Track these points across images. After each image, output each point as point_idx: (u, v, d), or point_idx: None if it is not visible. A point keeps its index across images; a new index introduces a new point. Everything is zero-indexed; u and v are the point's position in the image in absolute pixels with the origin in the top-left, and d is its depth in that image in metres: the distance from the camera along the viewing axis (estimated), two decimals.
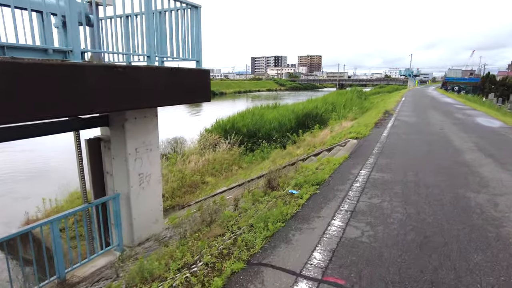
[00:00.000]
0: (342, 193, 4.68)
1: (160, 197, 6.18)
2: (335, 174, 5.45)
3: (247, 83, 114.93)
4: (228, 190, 9.13)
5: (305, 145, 9.52)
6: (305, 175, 4.81)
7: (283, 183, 4.66)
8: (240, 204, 4.49)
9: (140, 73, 4.26)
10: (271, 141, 16.09)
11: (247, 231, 3.31)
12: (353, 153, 6.83)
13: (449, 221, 3.82)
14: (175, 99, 4.98)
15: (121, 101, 3.98)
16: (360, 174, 5.64)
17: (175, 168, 13.66)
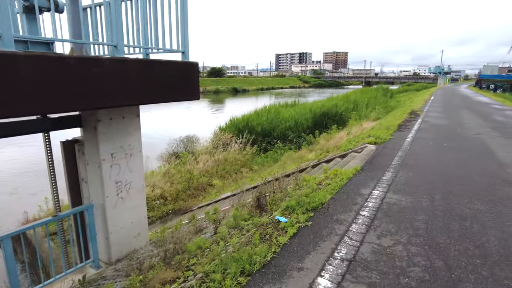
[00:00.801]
0: (342, 227, 3.49)
1: (143, 207, 5.47)
2: (339, 195, 4.27)
3: (270, 80, 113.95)
4: (231, 197, 8.34)
5: (318, 149, 8.57)
6: (301, 194, 3.81)
7: (273, 203, 3.76)
8: (222, 225, 3.67)
9: (102, 66, 3.51)
10: (286, 141, 15.18)
11: (198, 285, 2.46)
12: (367, 164, 5.60)
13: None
14: (151, 97, 4.21)
15: (69, 100, 3.25)
16: (371, 196, 4.42)
17: (183, 168, 13.05)
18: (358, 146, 6.74)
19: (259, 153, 15.40)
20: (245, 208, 3.74)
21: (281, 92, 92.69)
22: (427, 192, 4.70)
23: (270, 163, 12.08)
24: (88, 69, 3.38)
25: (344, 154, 6.62)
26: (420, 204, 4.25)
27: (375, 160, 5.91)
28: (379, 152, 6.53)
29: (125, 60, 3.78)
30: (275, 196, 3.99)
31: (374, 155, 6.29)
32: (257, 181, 8.56)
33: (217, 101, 65.65)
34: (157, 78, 4.21)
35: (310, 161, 7.68)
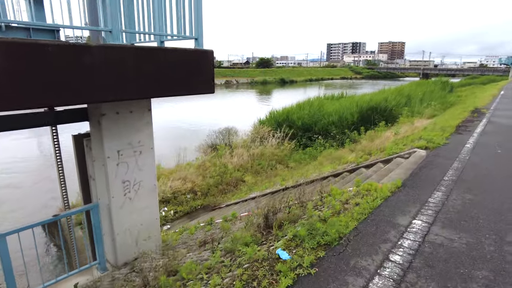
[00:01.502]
0: (360, 280, 2.44)
1: (155, 209, 5.07)
2: (366, 225, 3.17)
3: (319, 70, 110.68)
4: (259, 198, 7.74)
5: (360, 150, 7.60)
6: (317, 218, 2.93)
7: (283, 224, 3.02)
8: (221, 245, 3.07)
9: (89, 54, 3.04)
10: (328, 137, 14.16)
11: None
12: (412, 177, 4.35)
13: None
14: (154, 91, 3.69)
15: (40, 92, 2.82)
16: (410, 228, 3.22)
17: (219, 161, 12.72)
18: (405, 151, 5.70)
19: (298, 148, 14.59)
20: (252, 227, 3.09)
21: (330, 83, 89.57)
22: (493, 228, 3.27)
23: (307, 161, 11.25)
24: (71, 57, 2.93)
25: (387, 159, 5.64)
26: (481, 248, 2.90)
27: (423, 172, 4.63)
28: (429, 161, 5.17)
29: (119, 47, 3.28)
30: (290, 213, 3.27)
31: (422, 164, 5.02)
32: (288, 182, 7.86)
33: (263, 92, 65.19)
34: (161, 68, 3.68)
35: (349, 164, 6.78)
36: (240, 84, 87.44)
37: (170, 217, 8.76)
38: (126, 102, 4.31)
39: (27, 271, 4.51)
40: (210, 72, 4.22)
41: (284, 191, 7.20)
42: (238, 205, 8.13)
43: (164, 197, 9.51)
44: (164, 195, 9.55)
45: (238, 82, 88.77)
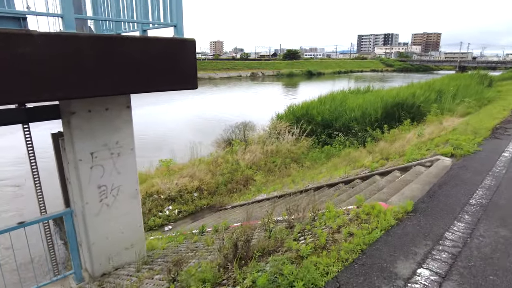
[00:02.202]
0: None
1: (137, 215, 4.62)
2: (350, 273, 2.28)
3: (348, 62, 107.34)
4: (265, 201, 7.16)
5: (378, 152, 6.79)
6: (291, 256, 2.32)
7: (254, 255, 2.38)
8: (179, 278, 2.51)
9: (31, 45, 2.56)
10: (349, 134, 13.26)
11: None
12: (429, 196, 3.34)
13: None
14: (117, 86, 3.17)
15: None
16: (412, 283, 2.26)
17: (232, 157, 12.23)
18: (427, 157, 4.87)
19: (317, 145, 13.80)
20: (220, 255, 2.51)
21: (360, 76, 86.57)
22: None
23: (322, 161, 10.49)
24: (16, 49, 2.47)
25: (405, 167, 4.86)
26: None
27: (444, 191, 3.54)
28: (453, 175, 4.03)
29: (71, 36, 2.77)
30: (270, 238, 2.66)
31: (444, 178, 3.92)
32: (297, 185, 7.22)
33: (288, 84, 64.01)
34: (128, 60, 3.15)
35: (363, 169, 6.02)
36: (266, 76, 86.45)
37: (173, 216, 8.38)
38: (100, 98, 3.84)
39: (5, 282, 4.23)
40: (190, 65, 3.64)
41: (290, 196, 6.57)
42: (243, 208, 7.59)
43: (170, 195, 9.15)
44: (169, 192, 9.20)
45: (264, 75, 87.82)
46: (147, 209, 8.53)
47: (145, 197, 9.09)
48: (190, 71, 3.66)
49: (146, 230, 7.87)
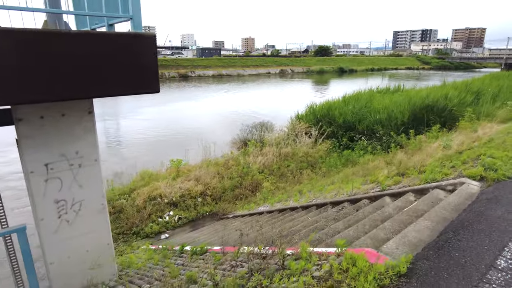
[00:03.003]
0: None
1: (105, 232, 4.12)
2: None
3: (382, 60, 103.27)
4: (265, 214, 6.49)
5: (395, 164, 5.86)
6: None
7: None
8: None
9: None
10: (373, 138, 12.22)
11: None
12: (438, 248, 2.32)
13: None
14: (56, 91, 2.63)
15: None
16: None
17: (244, 159, 11.64)
18: (450, 178, 3.95)
19: (337, 149, 12.87)
20: None
21: (394, 74, 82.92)
22: None
23: (338, 168, 9.61)
24: None
25: (422, 189, 3.98)
26: None
27: (461, 239, 2.41)
28: (480, 210, 2.88)
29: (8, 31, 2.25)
30: None
31: (466, 215, 2.82)
32: (303, 197, 6.48)
33: (318, 81, 62.44)
34: (70, 60, 2.60)
35: (375, 185, 5.17)
36: (295, 73, 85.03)
37: (172, 223, 7.91)
38: (54, 103, 3.35)
39: None
40: (149, 65, 3.04)
41: (290, 211, 5.85)
42: (243, 219, 6.97)
43: (173, 200, 8.70)
44: (172, 196, 8.75)
45: (293, 71, 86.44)
46: (147, 214, 8.14)
47: (147, 201, 8.71)
48: (148, 73, 3.07)
49: (142, 238, 7.47)
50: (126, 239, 7.39)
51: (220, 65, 78.32)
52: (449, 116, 10.57)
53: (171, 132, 22.11)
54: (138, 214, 8.06)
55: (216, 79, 68.93)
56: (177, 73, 68.62)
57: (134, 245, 6.94)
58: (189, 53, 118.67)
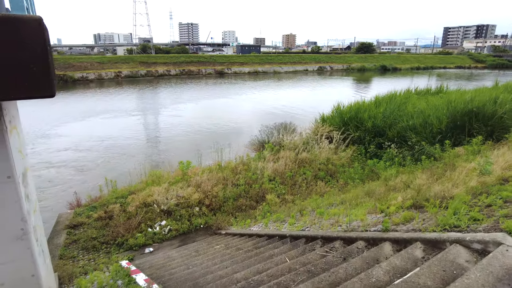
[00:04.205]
0: None
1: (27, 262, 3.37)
2: None
3: (430, 58, 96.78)
4: (255, 238, 5.52)
5: (414, 189, 4.58)
6: None
7: None
8: None
9: None
10: (403, 146, 10.72)
11: None
12: None
13: None
14: None
15: None
16: None
17: (256, 164, 10.69)
18: (480, 229, 2.69)
19: (363, 156, 11.51)
20: None
21: (442, 73, 77.28)
22: None
23: (357, 182, 8.33)
24: None
25: (436, 241, 2.74)
26: None
27: None
28: None
29: None
30: None
31: None
32: (300, 220, 5.41)
33: (357, 80, 59.59)
34: None
35: (382, 218, 4.01)
36: (334, 70, 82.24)
37: (160, 235, 7.17)
38: None
39: None
40: (35, 61, 2.19)
41: (280, 239, 4.83)
42: (231, 240, 6.05)
43: (168, 208, 7.98)
44: (167, 204, 8.03)
45: (332, 69, 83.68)
46: (136, 222, 7.48)
47: (141, 207, 8.07)
48: (40, 70, 2.21)
49: (125, 250, 6.81)
50: (108, 250, 6.77)
51: (257, 62, 77.65)
52: (498, 124, 8.82)
53: (196, 129, 21.72)
54: (128, 221, 7.43)
55: (252, 76, 68.43)
56: (213, 70, 69.02)
57: (114, 258, 6.29)
58: (230, 50, 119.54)
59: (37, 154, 16.66)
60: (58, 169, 14.54)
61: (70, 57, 60.62)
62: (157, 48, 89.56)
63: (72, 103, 33.24)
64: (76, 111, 28.26)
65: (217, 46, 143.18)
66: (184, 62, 68.78)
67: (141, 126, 23.86)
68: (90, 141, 19.22)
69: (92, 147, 17.94)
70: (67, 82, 49.64)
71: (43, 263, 3.59)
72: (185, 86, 48.57)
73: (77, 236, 7.18)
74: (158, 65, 64.54)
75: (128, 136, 20.21)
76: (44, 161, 15.67)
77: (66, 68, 53.43)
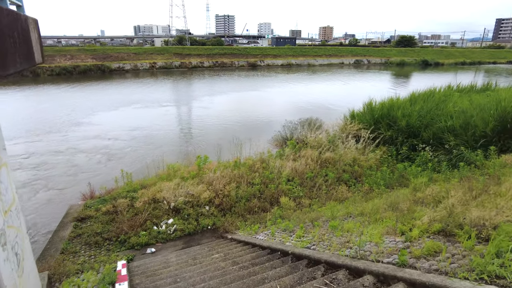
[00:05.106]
0: None
1: None
2: None
3: (477, 52, 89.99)
4: (257, 250, 4.96)
5: (445, 210, 3.75)
6: None
7: None
8: None
9: None
10: (440, 149, 9.62)
11: None
12: None
13: None
14: None
15: None
16: None
17: (274, 163, 10.08)
18: None
19: (394, 159, 10.52)
20: None
21: (492, 68, 71.59)
22: None
23: (382, 189, 7.46)
24: None
25: None
26: None
27: None
28: None
29: None
30: None
31: None
32: (310, 232, 4.76)
33: (396, 74, 56.61)
34: None
35: (401, 243, 3.28)
36: (372, 64, 78.84)
37: (164, 235, 6.80)
38: None
39: None
40: None
41: (281, 256, 4.22)
42: (233, 248, 5.53)
43: (176, 206, 7.61)
44: (177, 202, 7.66)
45: (370, 62, 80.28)
46: (142, 219, 7.17)
47: (150, 203, 7.77)
48: None
49: (127, 248, 6.51)
50: (110, 248, 6.51)
51: (290, 55, 76.16)
52: None
53: (223, 122, 21.39)
54: (133, 218, 7.14)
55: (285, 68, 67.22)
56: (246, 62, 68.57)
57: (113, 257, 6.00)
58: (265, 42, 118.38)
59: (66, 141, 17.09)
60: (82, 157, 14.77)
61: (108, 48, 62.69)
62: (192, 40, 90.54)
63: (107, 92, 34.21)
64: (110, 101, 29.00)
65: (252, 38, 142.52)
66: (217, 54, 68.89)
67: (171, 117, 23.93)
68: (119, 130, 19.50)
69: (120, 136, 18.16)
70: (104, 72, 51.36)
71: (9, 272, 3.23)
72: (217, 78, 48.57)
73: (83, 230, 7.00)
74: (192, 56, 65.14)
75: (156, 127, 20.29)
76: (72, 147, 16.03)
77: (104, 58, 55.33)
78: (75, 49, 58.00)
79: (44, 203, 10.31)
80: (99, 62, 52.81)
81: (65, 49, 58.00)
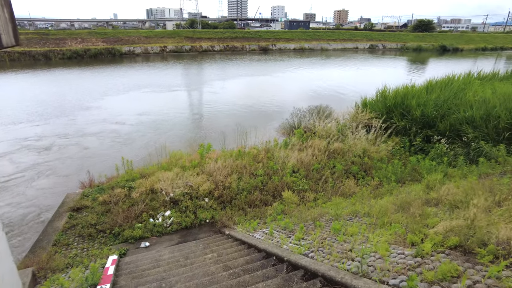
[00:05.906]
0: None
1: None
2: None
3: (500, 37, 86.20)
4: (253, 251, 4.60)
5: (466, 220, 3.26)
6: None
7: None
8: None
9: None
10: (457, 142, 9.00)
11: None
12: None
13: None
14: None
15: None
16: None
17: (279, 153, 9.64)
18: None
19: (407, 150, 9.94)
20: None
21: None
22: None
23: (393, 185, 6.95)
24: None
25: None
26: None
27: None
28: None
29: None
30: None
31: None
32: (311, 235, 4.35)
33: (411, 60, 54.71)
34: None
35: (412, 256, 2.84)
36: (387, 49, 76.50)
37: (160, 228, 6.51)
38: None
39: None
40: None
41: (276, 262, 3.84)
42: (228, 246, 5.18)
43: (174, 197, 7.30)
44: (175, 193, 7.34)
45: (385, 47, 77.92)
46: (138, 211, 6.89)
47: (148, 193, 7.48)
48: None
49: (121, 242, 6.25)
50: (104, 241, 6.26)
51: (303, 38, 74.40)
52: None
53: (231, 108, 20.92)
54: (129, 209, 6.86)
55: (297, 53, 65.75)
56: (257, 46, 67.29)
57: (105, 251, 5.75)
58: (278, 25, 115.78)
59: (73, 124, 16.97)
60: (91, 141, 14.61)
61: (119, 31, 62.29)
62: (204, 24, 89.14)
63: (117, 76, 33.98)
64: (120, 84, 28.79)
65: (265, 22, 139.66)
66: (228, 38, 67.76)
67: (179, 102, 23.58)
68: (127, 114, 19.27)
69: (128, 120, 17.94)
70: (114, 56, 51.14)
71: None
72: (228, 62, 47.80)
73: (77, 221, 6.76)
74: (202, 40, 64.25)
75: (164, 112, 19.99)
76: (78, 131, 15.89)
77: (115, 42, 55.02)
78: (86, 32, 57.79)
79: (44, 188, 10.18)
80: (110, 46, 52.57)
81: (76, 32, 57.85)
